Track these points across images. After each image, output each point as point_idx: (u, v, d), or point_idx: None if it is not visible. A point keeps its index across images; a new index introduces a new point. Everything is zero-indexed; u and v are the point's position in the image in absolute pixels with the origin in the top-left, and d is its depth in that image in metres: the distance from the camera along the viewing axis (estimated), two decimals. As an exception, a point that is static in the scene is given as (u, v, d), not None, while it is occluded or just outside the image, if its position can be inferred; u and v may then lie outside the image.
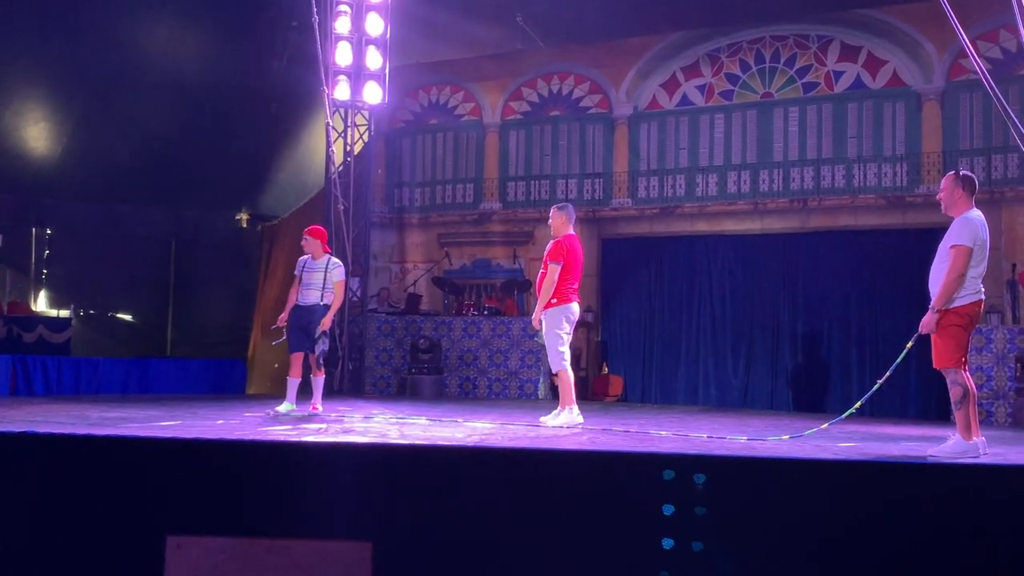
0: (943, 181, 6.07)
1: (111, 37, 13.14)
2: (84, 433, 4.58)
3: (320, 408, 8.63)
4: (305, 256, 8.62)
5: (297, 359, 8.54)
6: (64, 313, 14.25)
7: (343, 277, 8.65)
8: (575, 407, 7.74)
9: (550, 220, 8.08)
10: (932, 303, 5.77)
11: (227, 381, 13.22)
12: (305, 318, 8.42)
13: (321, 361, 8.56)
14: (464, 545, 4.15)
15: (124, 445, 4.61)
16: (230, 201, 15.91)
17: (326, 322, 8.34)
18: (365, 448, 4.44)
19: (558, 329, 7.79)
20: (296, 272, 8.61)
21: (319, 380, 8.67)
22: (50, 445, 4.58)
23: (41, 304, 15.01)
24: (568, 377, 7.78)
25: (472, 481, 4.29)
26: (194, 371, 13.06)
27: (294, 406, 8.48)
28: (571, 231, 7.99)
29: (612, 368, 13.59)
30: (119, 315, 15.82)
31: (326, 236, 8.79)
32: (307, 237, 8.59)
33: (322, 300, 8.45)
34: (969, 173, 6.06)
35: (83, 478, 4.38)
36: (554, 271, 7.74)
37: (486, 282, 14.20)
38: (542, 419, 7.85)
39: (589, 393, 13.23)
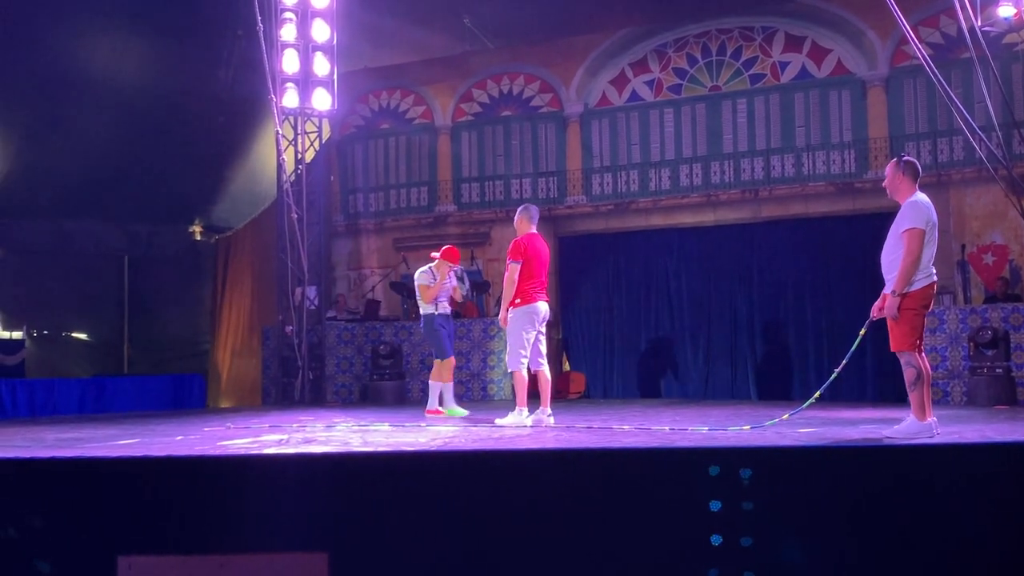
0: (887, 168, 6.16)
1: (52, 50, 12.90)
2: (30, 456, 4.49)
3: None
4: (429, 268, 9.19)
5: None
6: (17, 335, 14.00)
7: (419, 279, 9.28)
8: (525, 409, 7.76)
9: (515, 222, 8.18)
10: (892, 288, 5.82)
11: (187, 396, 13.07)
12: (451, 325, 9.35)
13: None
14: (425, 551, 4.12)
15: (74, 466, 4.53)
16: (182, 214, 15.71)
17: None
18: (318, 458, 4.41)
19: (521, 329, 7.77)
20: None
21: (449, 385, 9.27)
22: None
23: (-7, 326, 14.74)
24: (522, 378, 7.79)
25: (437, 485, 4.25)
26: (152, 388, 12.89)
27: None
28: (532, 230, 8.00)
29: (574, 365, 13.62)
30: (74, 334, 15.56)
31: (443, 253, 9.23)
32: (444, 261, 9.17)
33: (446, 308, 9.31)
34: (911, 158, 6.15)
35: (34, 501, 4.29)
36: (513, 270, 7.76)
37: (445, 285, 14.13)
38: (497, 420, 7.88)
39: (552, 391, 13.20)
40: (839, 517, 4.12)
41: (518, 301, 7.76)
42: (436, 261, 9.18)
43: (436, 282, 9.12)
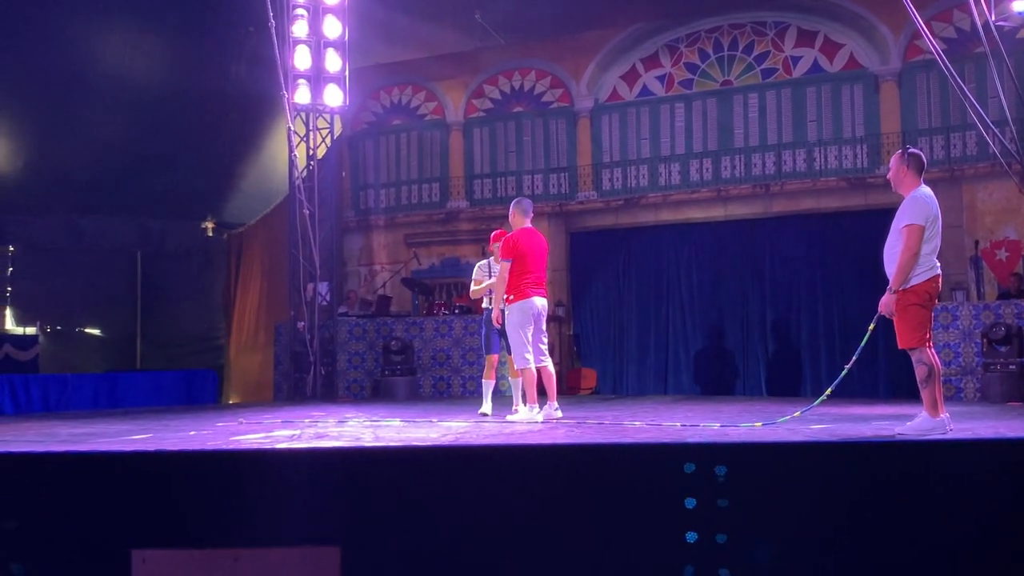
0: (891, 160, 6.09)
1: (64, 47, 12.96)
2: (44, 451, 4.52)
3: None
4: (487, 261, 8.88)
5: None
6: (30, 330, 14.07)
7: (473, 274, 8.98)
8: (536, 406, 7.73)
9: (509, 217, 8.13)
10: (890, 284, 5.81)
11: (200, 392, 13.12)
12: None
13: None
14: (438, 545, 4.13)
15: (88, 461, 4.56)
16: (194, 210, 15.76)
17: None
18: (330, 453, 4.43)
19: (518, 327, 7.74)
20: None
21: (518, 381, 8.23)
22: (14, 463, 4.52)
23: (7, 322, 14.81)
24: (531, 375, 7.75)
25: (447, 480, 4.27)
26: (165, 383, 12.95)
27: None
28: (526, 225, 7.97)
29: (585, 361, 13.61)
30: (87, 330, 15.63)
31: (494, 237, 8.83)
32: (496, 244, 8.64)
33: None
34: (916, 150, 6.08)
35: (48, 495, 4.32)
36: (503, 268, 7.75)
37: (456, 281, 14.17)
38: (508, 416, 7.88)
39: (563, 387, 13.22)
40: (849, 515, 4.12)
41: (511, 297, 7.72)
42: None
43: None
